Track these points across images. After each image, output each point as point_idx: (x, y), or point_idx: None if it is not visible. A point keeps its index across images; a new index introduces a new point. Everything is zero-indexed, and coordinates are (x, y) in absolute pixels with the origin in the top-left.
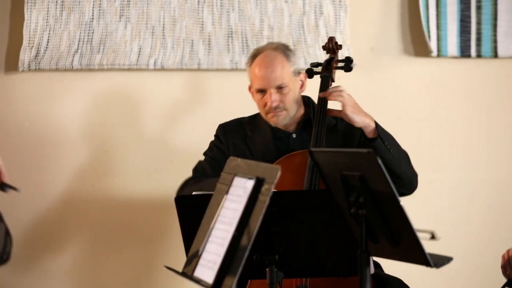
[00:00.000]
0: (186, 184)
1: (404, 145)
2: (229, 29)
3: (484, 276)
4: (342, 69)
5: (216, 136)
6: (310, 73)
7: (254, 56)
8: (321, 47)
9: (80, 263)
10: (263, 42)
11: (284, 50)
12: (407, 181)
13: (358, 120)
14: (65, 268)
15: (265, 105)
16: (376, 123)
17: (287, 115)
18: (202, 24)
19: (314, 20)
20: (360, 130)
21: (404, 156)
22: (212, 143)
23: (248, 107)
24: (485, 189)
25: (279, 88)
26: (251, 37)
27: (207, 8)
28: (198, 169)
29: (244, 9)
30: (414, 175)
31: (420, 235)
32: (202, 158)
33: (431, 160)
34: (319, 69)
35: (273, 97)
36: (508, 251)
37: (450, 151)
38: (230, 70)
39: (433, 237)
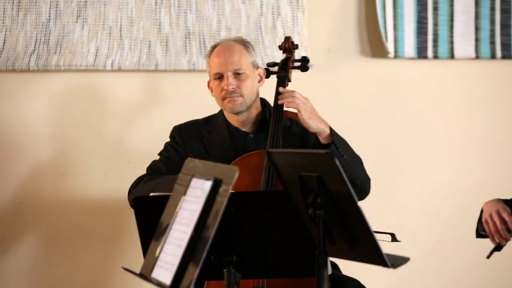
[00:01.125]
0: (140, 181)
1: (361, 146)
2: (186, 30)
3: (440, 277)
4: (298, 68)
5: (171, 137)
6: (266, 73)
7: (214, 47)
8: (278, 48)
9: (37, 264)
10: None
11: (244, 42)
12: (360, 187)
13: (314, 125)
14: (21, 269)
15: (221, 90)
16: (331, 129)
17: (243, 102)
18: (160, 25)
19: (272, 21)
20: (314, 135)
21: (358, 161)
22: (167, 144)
23: (205, 108)
24: (442, 189)
25: (237, 74)
26: (209, 38)
27: (165, 9)
28: (153, 168)
29: (202, 10)
30: (367, 180)
31: (380, 237)
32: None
33: (388, 160)
34: (275, 69)
35: (230, 81)
36: (490, 216)
37: (406, 152)
38: (187, 71)
39: (394, 239)
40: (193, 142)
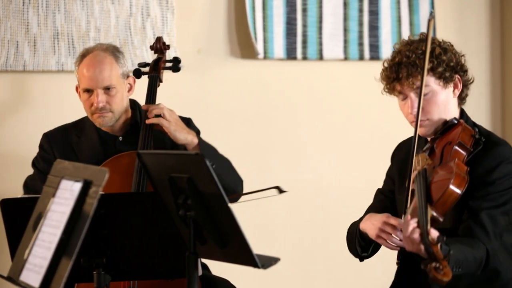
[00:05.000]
0: None
1: (231, 147)
2: (55, 30)
3: (307, 276)
4: (170, 69)
5: (40, 146)
6: (137, 74)
7: (83, 55)
8: (148, 49)
9: None
10: (90, 44)
11: (114, 51)
12: (231, 191)
13: (181, 137)
14: None
15: (91, 105)
16: (200, 140)
17: (112, 117)
18: (28, 25)
19: (141, 22)
20: (183, 146)
21: (227, 166)
22: (38, 155)
23: (74, 109)
24: (311, 190)
25: (106, 89)
26: (78, 38)
27: (32, 9)
28: (30, 187)
29: (70, 10)
30: (239, 182)
31: (268, 193)
32: (27, 160)
33: (258, 160)
34: (147, 69)
35: (100, 98)
36: (380, 230)
37: (276, 152)
38: (56, 71)
39: (280, 191)
40: (62, 148)
